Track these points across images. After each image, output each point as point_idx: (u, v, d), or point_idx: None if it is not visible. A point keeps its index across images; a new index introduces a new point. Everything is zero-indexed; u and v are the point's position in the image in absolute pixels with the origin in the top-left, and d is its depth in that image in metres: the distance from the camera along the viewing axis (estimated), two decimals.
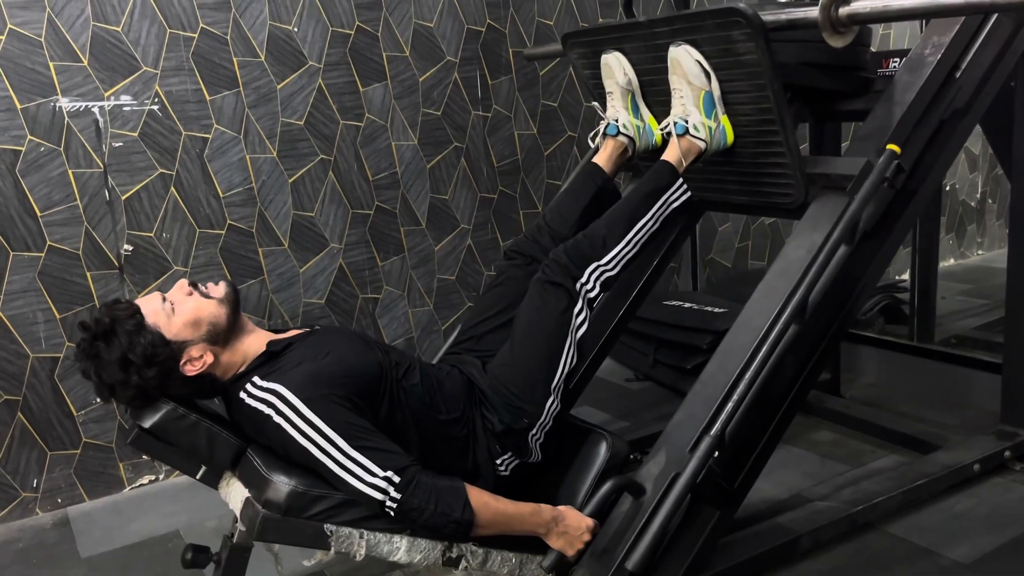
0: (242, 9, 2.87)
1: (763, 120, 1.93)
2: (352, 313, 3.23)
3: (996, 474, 2.54)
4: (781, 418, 1.91)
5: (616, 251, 1.89)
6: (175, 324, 1.62)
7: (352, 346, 1.71)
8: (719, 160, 2.07)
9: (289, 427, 1.54)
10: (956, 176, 5.17)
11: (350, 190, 3.17)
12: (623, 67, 2.10)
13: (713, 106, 1.95)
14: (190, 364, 1.63)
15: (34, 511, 2.73)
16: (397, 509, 1.53)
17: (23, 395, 2.66)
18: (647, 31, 2.00)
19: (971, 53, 2.01)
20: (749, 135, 1.99)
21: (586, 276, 1.84)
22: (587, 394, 2.52)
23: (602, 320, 2.44)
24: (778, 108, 1.87)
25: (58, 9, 2.58)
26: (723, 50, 1.88)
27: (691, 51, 1.92)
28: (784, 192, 2.02)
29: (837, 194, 1.88)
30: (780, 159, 1.96)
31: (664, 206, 1.95)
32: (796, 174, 1.95)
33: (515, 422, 1.77)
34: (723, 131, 1.98)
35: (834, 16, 1.73)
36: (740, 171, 2.09)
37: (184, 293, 1.66)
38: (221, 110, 2.88)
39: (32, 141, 2.59)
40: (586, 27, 2.24)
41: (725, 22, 1.81)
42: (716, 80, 1.94)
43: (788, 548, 2.12)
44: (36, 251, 2.64)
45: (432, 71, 3.29)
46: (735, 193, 2.17)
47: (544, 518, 1.66)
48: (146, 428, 1.59)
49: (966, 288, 4.66)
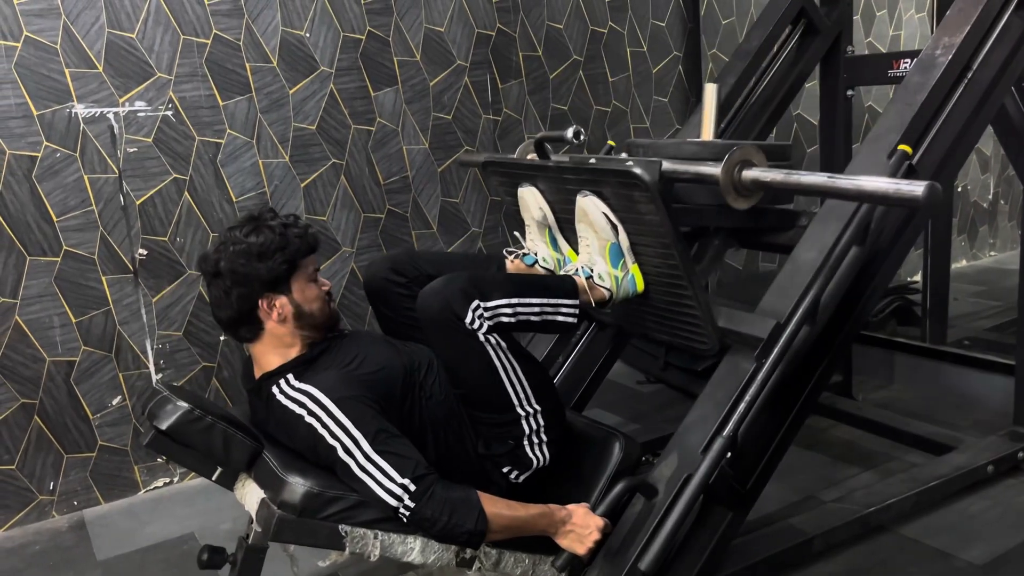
0: (255, 15, 2.90)
1: (672, 274, 1.82)
2: (364, 317, 3.25)
3: (1009, 475, 2.53)
4: (793, 420, 1.91)
5: (498, 303, 1.69)
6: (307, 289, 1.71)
7: (379, 351, 1.76)
8: (636, 301, 1.96)
9: (320, 427, 1.57)
10: (968, 177, 5.15)
11: (362, 194, 3.19)
12: (539, 203, 2.03)
13: (620, 256, 1.86)
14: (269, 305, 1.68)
15: (50, 514, 2.75)
16: (410, 517, 1.55)
17: (39, 399, 2.69)
18: (556, 175, 1.95)
19: (982, 54, 2.01)
20: (661, 284, 1.88)
21: (470, 314, 1.64)
22: (598, 397, 2.53)
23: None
24: (684, 266, 1.77)
25: (73, 16, 2.61)
26: (627, 206, 1.80)
27: (597, 203, 1.84)
28: (700, 340, 1.91)
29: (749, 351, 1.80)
30: (693, 310, 1.85)
31: (553, 308, 1.78)
32: (707, 327, 1.85)
33: (501, 446, 1.77)
34: (632, 280, 1.89)
35: (737, 180, 1.65)
36: (657, 313, 1.97)
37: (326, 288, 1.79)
38: (234, 115, 2.90)
39: (48, 147, 2.62)
40: (502, 159, 2.21)
41: (625, 182, 1.74)
42: (624, 232, 1.85)
43: (801, 550, 2.12)
44: (52, 256, 2.66)
45: (442, 75, 3.31)
46: (654, 330, 2.05)
47: (554, 519, 1.67)
48: (162, 430, 1.60)
49: (978, 290, 4.64)
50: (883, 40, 4.67)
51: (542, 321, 1.76)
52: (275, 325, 1.70)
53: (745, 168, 1.65)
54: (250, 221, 1.70)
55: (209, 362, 2.95)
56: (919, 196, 1.41)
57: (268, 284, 1.67)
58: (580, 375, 2.44)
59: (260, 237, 1.66)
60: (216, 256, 1.67)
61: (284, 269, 1.68)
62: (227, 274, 1.66)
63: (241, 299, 1.67)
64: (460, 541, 1.58)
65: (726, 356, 1.85)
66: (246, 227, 1.68)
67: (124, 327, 2.79)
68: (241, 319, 1.70)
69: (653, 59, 3.85)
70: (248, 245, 1.65)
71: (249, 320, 1.70)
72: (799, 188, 1.64)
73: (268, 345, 1.72)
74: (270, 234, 1.66)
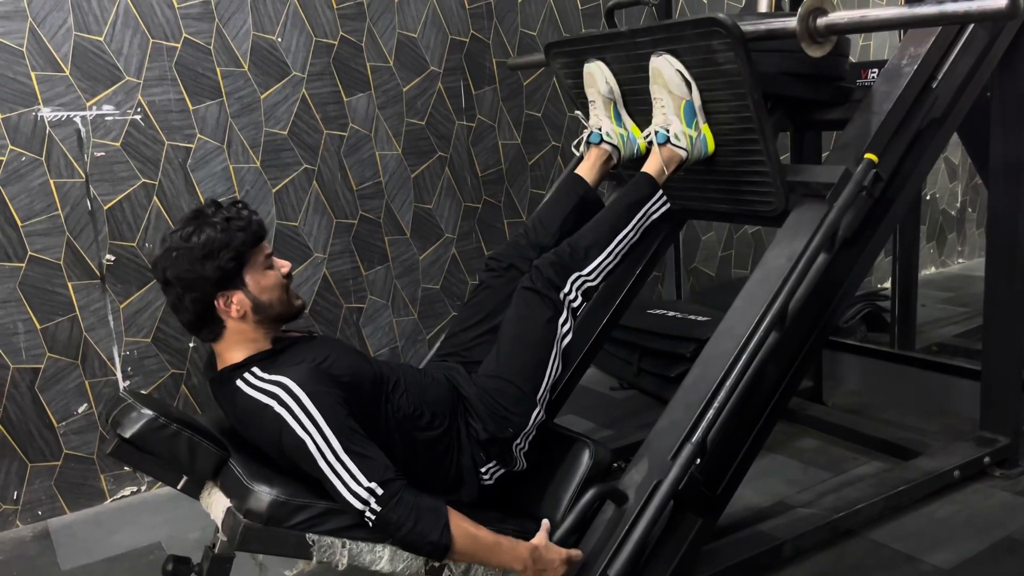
0: (225, 19, 2.87)
1: (744, 129, 1.94)
2: (336, 323, 3.23)
3: (976, 480, 2.56)
4: (763, 425, 1.92)
5: (598, 262, 1.90)
6: (262, 278, 1.67)
7: (349, 355, 1.74)
8: (701, 169, 2.09)
9: (290, 418, 1.53)
10: (936, 186, 5.22)
11: (334, 200, 3.17)
12: (605, 76, 2.12)
13: (694, 115, 1.97)
14: (226, 303, 1.64)
15: (14, 524, 2.70)
16: (376, 521, 1.52)
17: (3, 406, 2.64)
18: (628, 41, 2.02)
19: (947, 63, 2.04)
20: (730, 144, 2.01)
21: (568, 286, 1.85)
22: (571, 403, 2.53)
23: (585, 328, 2.45)
24: (758, 118, 1.89)
25: (40, 19, 2.57)
26: (703, 60, 1.89)
27: (672, 61, 1.94)
28: (765, 200, 2.04)
29: (817, 202, 1.90)
30: (761, 168, 1.98)
31: (644, 217, 1.97)
32: (776, 182, 1.97)
33: (500, 431, 1.77)
34: (704, 140, 2.00)
35: (812, 27, 1.75)
36: (722, 179, 2.11)
37: (285, 270, 1.74)
38: (204, 120, 2.88)
39: (13, 151, 2.58)
40: (568, 37, 2.25)
41: (705, 32, 1.83)
42: (697, 90, 1.96)
43: (771, 555, 2.13)
44: (17, 261, 2.62)
45: (416, 81, 3.30)
46: (717, 201, 2.19)
47: (520, 553, 1.61)
48: (126, 438, 1.57)
49: (947, 296, 4.70)
50: (852, 50, 4.72)
51: (640, 236, 1.98)
52: (235, 323, 1.66)
53: (818, 15, 1.73)
54: (192, 220, 1.65)
55: (178, 369, 2.92)
56: (1002, 7, 1.52)
57: (219, 283, 1.63)
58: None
59: (203, 236, 1.61)
60: (163, 264, 1.63)
61: (233, 266, 1.63)
62: (175, 281, 1.62)
63: (196, 303, 1.63)
64: (424, 552, 1.55)
65: (696, 361, 1.86)
66: (188, 227, 1.63)
67: (91, 333, 2.75)
68: (201, 321, 1.66)
69: None
70: (191, 248, 1.61)
71: (209, 320, 1.66)
72: (878, 23, 1.73)
73: (231, 342, 1.69)
74: (212, 232, 1.61)
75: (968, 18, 1.82)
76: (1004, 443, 2.58)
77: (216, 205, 1.67)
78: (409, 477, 1.59)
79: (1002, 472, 2.58)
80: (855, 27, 1.74)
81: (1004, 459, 2.59)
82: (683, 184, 2.17)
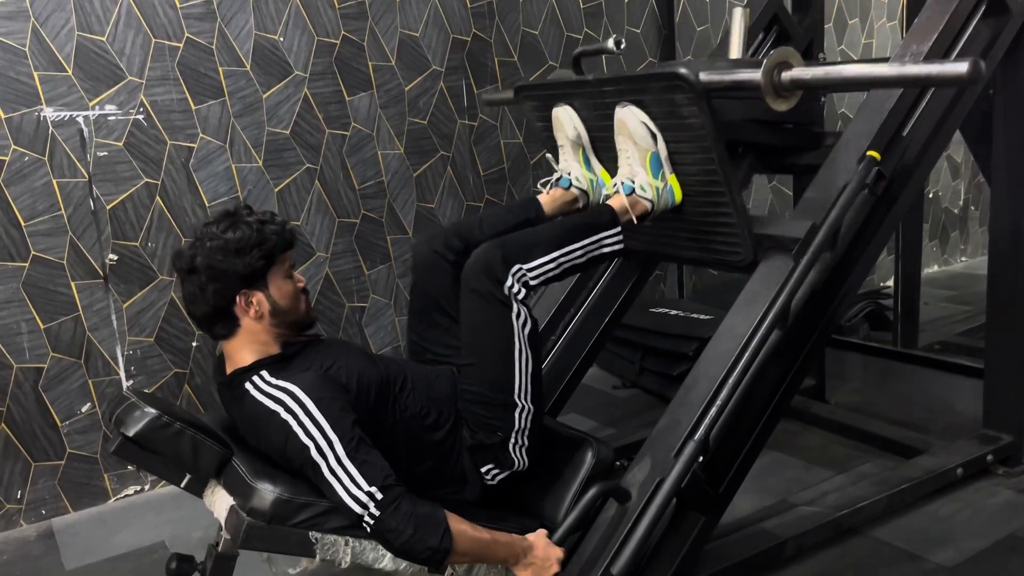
0: (228, 19, 2.88)
1: (710, 181, 1.89)
2: (339, 323, 3.23)
3: (979, 478, 2.56)
4: (765, 423, 1.92)
5: (541, 261, 1.79)
6: (283, 285, 1.70)
7: (356, 359, 1.75)
8: (670, 217, 2.03)
9: (295, 424, 1.55)
10: (939, 183, 5.22)
11: (336, 199, 3.17)
12: (573, 122, 2.07)
13: (660, 166, 1.93)
14: (246, 302, 1.66)
15: (18, 523, 2.71)
16: (374, 526, 1.53)
17: (7, 406, 2.64)
18: (594, 89, 1.98)
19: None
20: (698, 194, 1.96)
21: (511, 279, 1.74)
22: (573, 402, 2.53)
23: (588, 328, 2.45)
24: (722, 170, 1.84)
25: (43, 19, 2.58)
26: (668, 112, 1.85)
27: (636, 112, 1.90)
28: (733, 250, 1.99)
29: (785, 254, 1.87)
30: (728, 219, 1.93)
31: (596, 244, 1.88)
32: (743, 234, 1.93)
33: (489, 438, 1.77)
34: (671, 191, 1.96)
35: (777, 81, 1.70)
36: (690, 228, 2.05)
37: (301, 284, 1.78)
38: (207, 119, 2.88)
39: (16, 151, 2.58)
40: (536, 81, 2.24)
41: (668, 85, 1.79)
42: (663, 141, 1.91)
43: (774, 553, 2.13)
44: (20, 261, 2.62)
45: (418, 80, 3.30)
46: (687, 248, 2.13)
47: (515, 549, 1.64)
48: (130, 436, 1.58)
49: (949, 294, 4.70)
50: (855, 48, 4.72)
51: (587, 260, 1.87)
52: (251, 322, 1.67)
53: (784, 70, 1.70)
54: (227, 217, 1.68)
55: (181, 368, 2.92)
56: (963, 74, 1.48)
57: (245, 280, 1.65)
58: (555, 380, 2.44)
59: (237, 232, 1.64)
60: (192, 252, 1.65)
61: (261, 265, 1.65)
62: (203, 269, 1.63)
63: (217, 295, 1.64)
64: (422, 558, 1.55)
65: (698, 360, 1.86)
66: (223, 223, 1.66)
67: (94, 333, 2.75)
68: (217, 315, 1.67)
69: (629, 65, 3.87)
70: (225, 240, 1.63)
71: (225, 316, 1.67)
72: (841, 81, 1.69)
73: (243, 342, 1.69)
74: (247, 230, 1.64)
75: (930, 82, 1.79)
76: (1007, 441, 2.58)
77: (249, 208, 1.71)
78: (414, 477, 1.60)
79: (1005, 470, 2.58)
80: (820, 83, 1.69)
81: (1007, 457, 2.59)
82: (654, 228, 2.10)
